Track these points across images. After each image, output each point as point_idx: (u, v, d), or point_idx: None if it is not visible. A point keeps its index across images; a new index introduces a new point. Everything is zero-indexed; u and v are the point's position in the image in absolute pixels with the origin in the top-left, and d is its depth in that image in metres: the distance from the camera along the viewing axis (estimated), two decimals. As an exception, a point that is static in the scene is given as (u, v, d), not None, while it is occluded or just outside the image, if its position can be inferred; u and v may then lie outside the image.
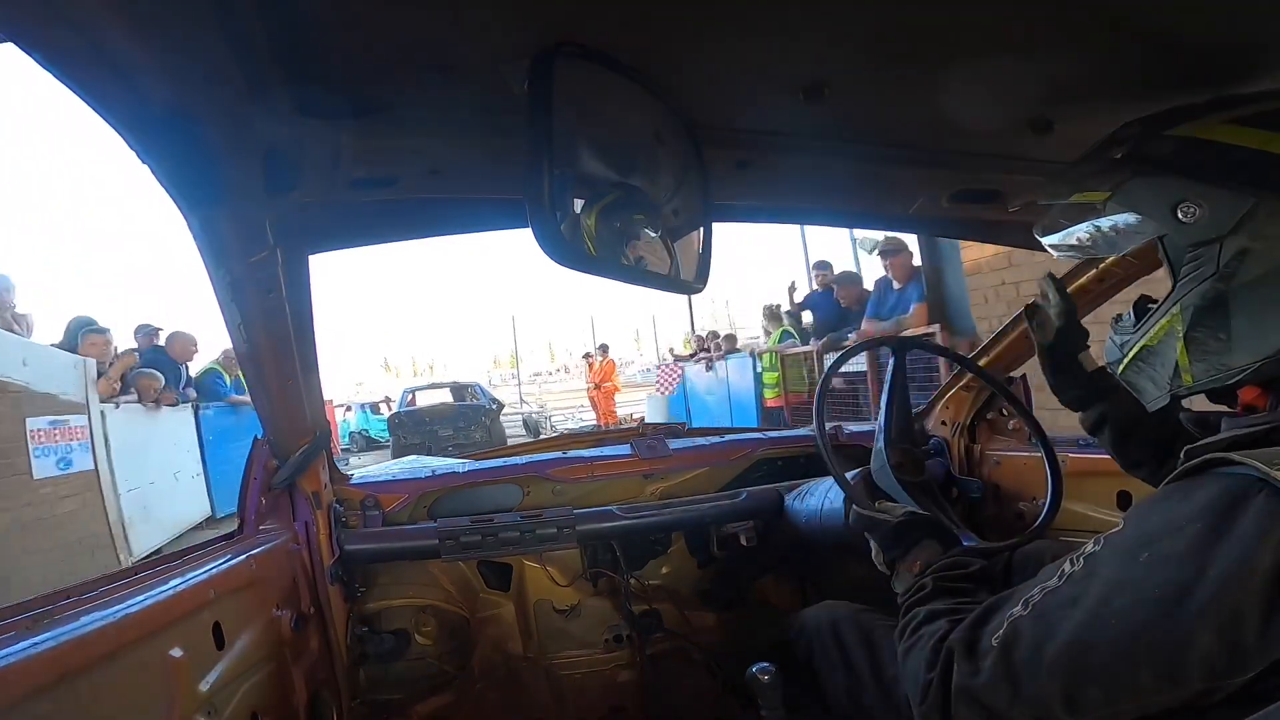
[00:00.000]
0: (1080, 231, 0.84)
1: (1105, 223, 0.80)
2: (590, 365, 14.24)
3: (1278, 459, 0.61)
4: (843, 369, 4.59)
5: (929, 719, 0.76)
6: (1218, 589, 0.59)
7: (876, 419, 1.48)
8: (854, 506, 1.18)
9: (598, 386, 13.37)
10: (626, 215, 0.85)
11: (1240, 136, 0.70)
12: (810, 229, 10.01)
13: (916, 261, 5.33)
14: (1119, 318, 0.88)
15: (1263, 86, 0.83)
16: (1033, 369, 1.94)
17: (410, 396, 14.94)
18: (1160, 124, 0.77)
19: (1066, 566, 0.71)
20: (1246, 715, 0.56)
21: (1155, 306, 0.79)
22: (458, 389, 14.89)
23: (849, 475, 1.40)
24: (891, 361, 1.50)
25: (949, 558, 0.97)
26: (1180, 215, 0.72)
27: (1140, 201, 0.76)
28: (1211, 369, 0.74)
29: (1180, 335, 0.75)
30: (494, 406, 13.57)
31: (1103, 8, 0.71)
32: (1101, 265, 1.46)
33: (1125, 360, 0.84)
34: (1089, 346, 1.16)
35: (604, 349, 14.48)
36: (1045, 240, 0.92)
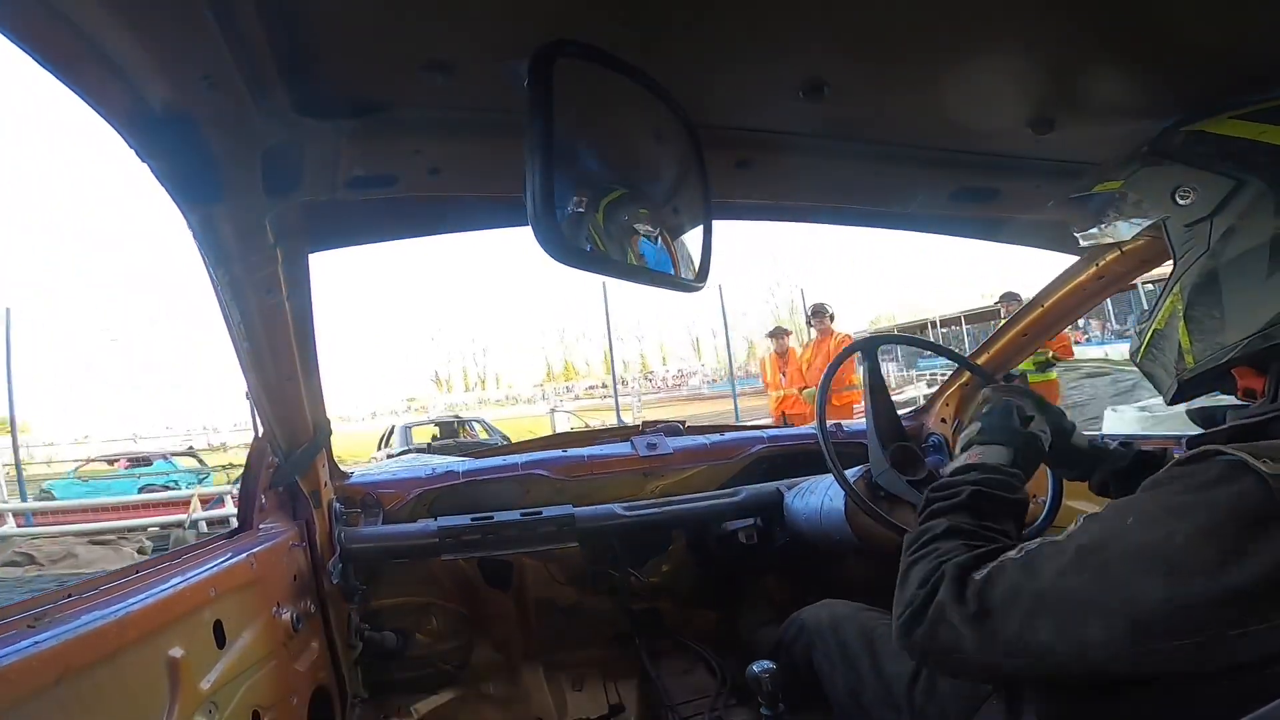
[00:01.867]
0: (1105, 221, 0.93)
1: (1123, 209, 0.88)
2: (780, 355, 7.01)
3: (1265, 452, 0.64)
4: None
5: (903, 628, 0.80)
6: (1180, 555, 0.63)
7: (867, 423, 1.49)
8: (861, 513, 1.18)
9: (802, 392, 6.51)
10: (626, 214, 0.85)
11: (1238, 129, 0.77)
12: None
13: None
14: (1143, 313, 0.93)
15: (1263, 86, 0.83)
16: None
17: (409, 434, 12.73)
18: (1180, 123, 0.84)
19: (1072, 527, 0.75)
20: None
21: (1162, 291, 0.84)
22: (447, 426, 13.17)
23: (849, 474, 1.40)
24: (865, 365, 1.52)
25: (1001, 474, 0.95)
26: (1178, 199, 0.79)
27: (1147, 188, 0.83)
28: (1209, 348, 0.78)
29: (1181, 315, 0.80)
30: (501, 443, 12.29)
31: (1103, 7, 0.71)
32: (1101, 263, 1.46)
33: (1143, 348, 0.89)
34: (1075, 426, 1.18)
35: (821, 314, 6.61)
36: (1081, 233, 1.00)
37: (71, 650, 0.79)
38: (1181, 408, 0.92)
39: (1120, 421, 5.34)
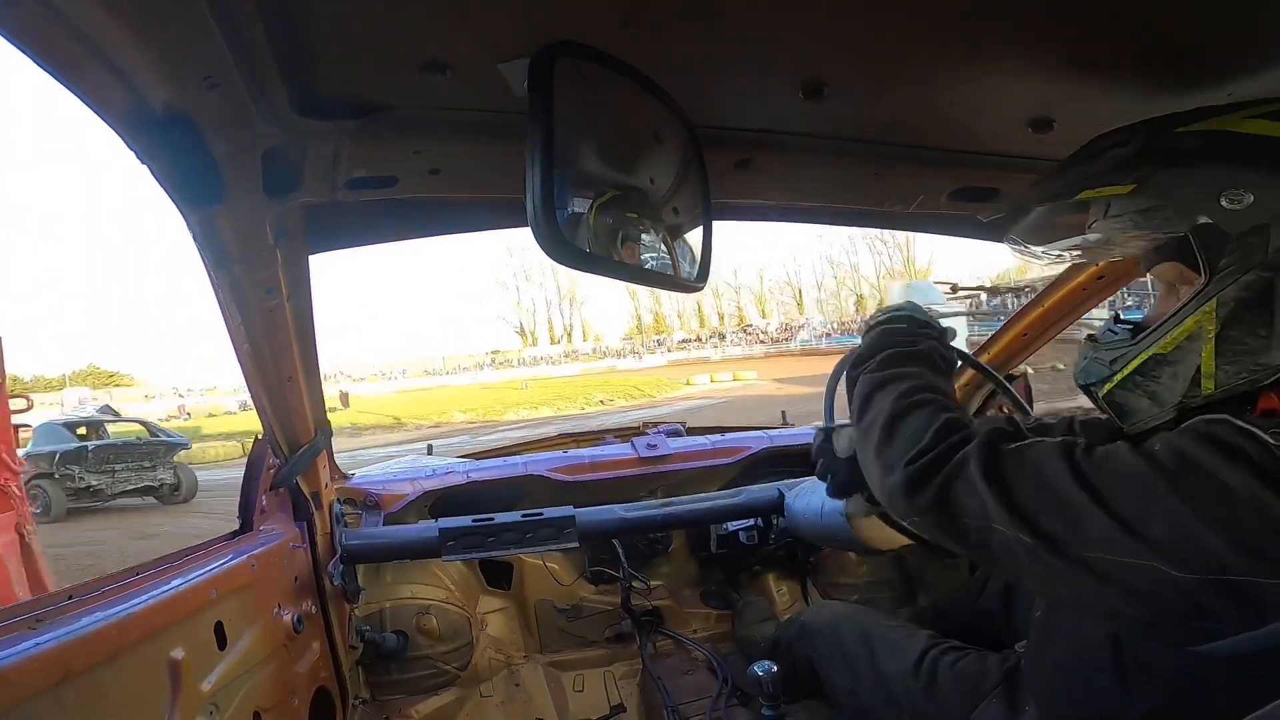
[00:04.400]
0: (1086, 233, 0.82)
1: (1120, 218, 0.78)
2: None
3: (1270, 426, 0.64)
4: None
5: (913, 477, 0.78)
6: (1224, 490, 0.62)
7: None
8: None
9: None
10: (626, 214, 0.85)
11: (1268, 128, 0.69)
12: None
13: None
14: (1093, 338, 0.86)
15: (1261, 85, 0.83)
16: (1033, 366, 1.95)
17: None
18: (1162, 126, 0.76)
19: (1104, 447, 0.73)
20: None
21: (1174, 310, 0.76)
22: (95, 425, 11.73)
23: None
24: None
25: (928, 327, 1.00)
26: (1225, 202, 0.69)
27: (1175, 192, 0.73)
28: (1244, 370, 0.71)
29: (1210, 336, 0.72)
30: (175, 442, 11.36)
31: (1103, 7, 0.71)
32: (1099, 263, 1.46)
33: (1119, 377, 0.81)
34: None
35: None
36: (1038, 248, 0.92)
37: (73, 651, 0.79)
38: None
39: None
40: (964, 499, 0.74)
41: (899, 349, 0.94)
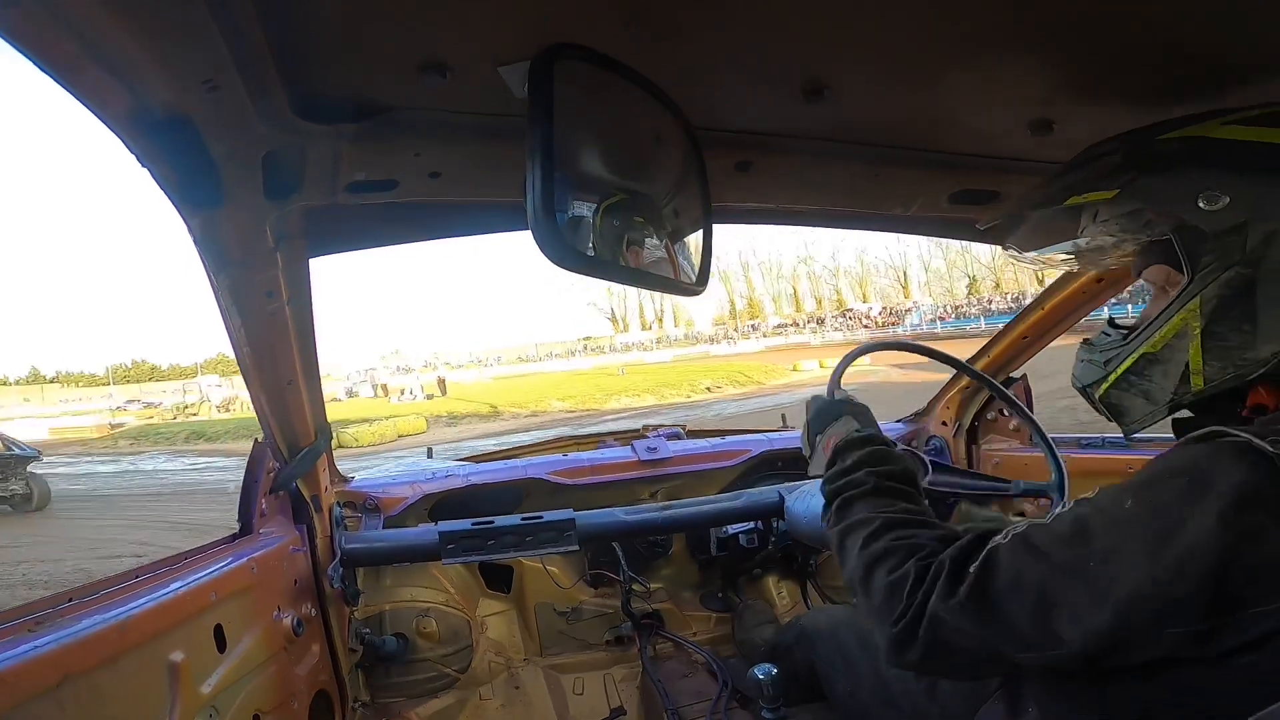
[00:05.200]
0: (1078, 238, 0.84)
1: (1107, 223, 0.80)
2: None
3: (1271, 433, 0.63)
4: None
5: (900, 638, 0.76)
6: (1193, 540, 0.61)
7: None
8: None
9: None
10: (627, 217, 0.85)
11: (1249, 133, 0.72)
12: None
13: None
14: (1088, 341, 0.87)
15: (1259, 90, 0.83)
16: (1032, 369, 1.95)
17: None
18: (1150, 133, 0.78)
19: (1059, 509, 0.73)
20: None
21: (1159, 310, 0.78)
22: None
23: None
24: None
25: (872, 445, 0.97)
26: (1203, 204, 0.72)
27: (1155, 195, 0.76)
28: (1229, 366, 0.72)
29: (1195, 333, 0.74)
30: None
31: (1102, 10, 0.71)
32: (1086, 272, 1.46)
33: (1112, 377, 0.82)
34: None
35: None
36: (1029, 254, 0.93)
37: (72, 654, 0.79)
38: None
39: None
40: (956, 642, 0.73)
41: (844, 484, 0.93)
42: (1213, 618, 0.60)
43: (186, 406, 41.06)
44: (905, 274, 63.65)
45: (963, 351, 1.84)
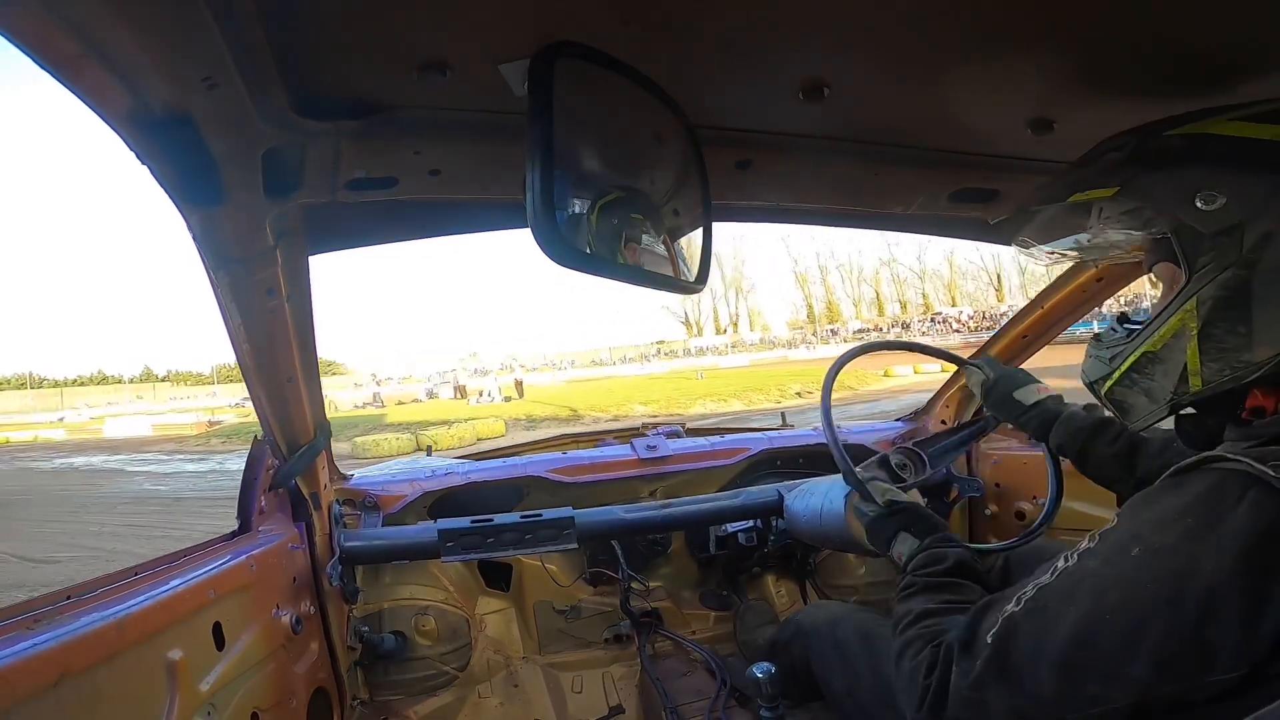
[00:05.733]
0: (1081, 234, 0.84)
1: (1110, 220, 0.79)
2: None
3: (1271, 458, 0.61)
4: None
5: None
6: (1212, 583, 0.59)
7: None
8: (854, 503, 1.18)
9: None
10: (626, 215, 0.85)
11: (1251, 130, 0.70)
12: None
13: None
14: (1098, 336, 0.87)
15: (1261, 88, 0.83)
16: (1033, 367, 1.95)
17: None
18: (1156, 129, 0.77)
19: (1060, 563, 0.71)
20: (1239, 708, 0.56)
21: (1160, 309, 0.77)
22: None
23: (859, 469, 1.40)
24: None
25: (925, 550, 0.98)
26: (1200, 203, 0.71)
27: (1154, 193, 0.75)
28: (1226, 367, 0.71)
29: (1193, 334, 0.73)
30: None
31: (1103, 8, 0.71)
32: (1100, 264, 1.46)
33: (1117, 374, 0.82)
34: (1029, 383, 1.29)
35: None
36: (1037, 249, 0.92)
37: (70, 652, 0.79)
38: None
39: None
40: (990, 716, 0.71)
41: (901, 585, 0.95)
42: (1255, 655, 0.59)
43: (283, 405, 42.40)
44: (999, 277, 61.54)
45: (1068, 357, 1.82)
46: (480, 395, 34.65)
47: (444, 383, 45.22)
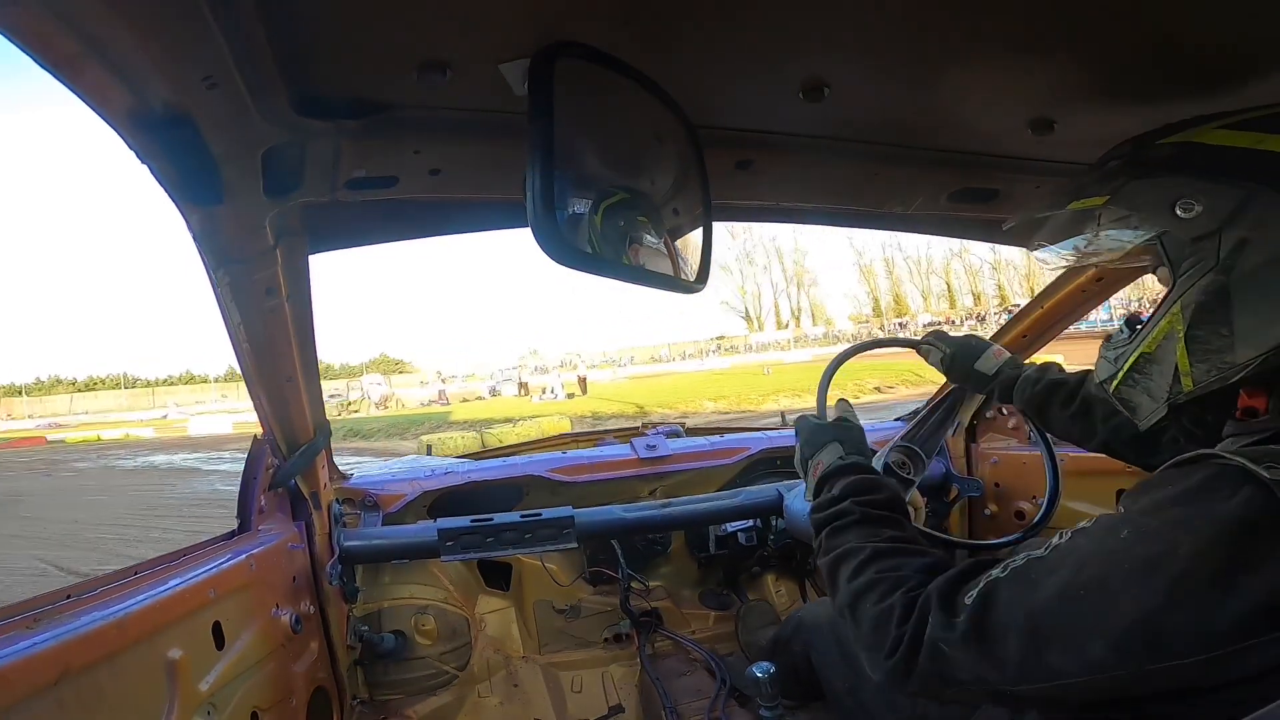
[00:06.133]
0: (1079, 240, 0.86)
1: (1104, 227, 0.82)
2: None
3: (1266, 457, 0.62)
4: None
5: (895, 670, 0.77)
6: (1185, 567, 0.61)
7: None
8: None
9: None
10: (626, 215, 0.85)
11: (1232, 138, 0.73)
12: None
13: None
14: (1109, 338, 0.89)
15: (1260, 89, 0.83)
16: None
17: None
18: (1152, 137, 0.80)
19: (1055, 539, 0.73)
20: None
21: (1153, 311, 0.80)
22: None
23: None
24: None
25: (854, 471, 0.99)
26: (1179, 211, 0.74)
27: (1139, 202, 0.78)
28: (1213, 368, 0.74)
29: (1180, 336, 0.75)
30: None
31: (1104, 8, 0.71)
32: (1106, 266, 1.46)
33: (1120, 374, 0.84)
34: (984, 349, 1.37)
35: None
36: (1040, 254, 0.94)
37: (71, 651, 0.79)
38: None
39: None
40: (954, 673, 0.73)
41: (831, 514, 0.94)
42: (1211, 648, 0.60)
43: (350, 403, 42.18)
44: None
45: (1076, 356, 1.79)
46: (543, 393, 33.88)
47: (506, 380, 44.63)
